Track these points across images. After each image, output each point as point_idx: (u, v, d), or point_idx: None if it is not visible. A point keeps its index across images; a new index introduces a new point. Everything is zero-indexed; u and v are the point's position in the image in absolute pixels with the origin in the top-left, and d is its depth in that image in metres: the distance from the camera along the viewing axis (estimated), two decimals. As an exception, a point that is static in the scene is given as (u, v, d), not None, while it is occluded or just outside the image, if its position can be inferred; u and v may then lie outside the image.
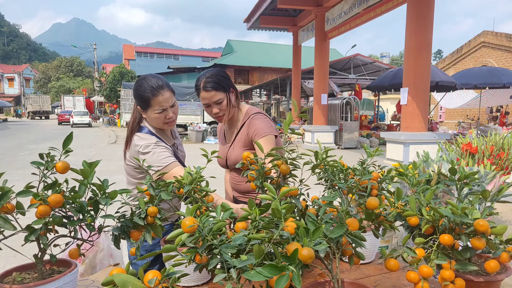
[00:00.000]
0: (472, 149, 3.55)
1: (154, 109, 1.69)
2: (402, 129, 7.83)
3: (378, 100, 18.85)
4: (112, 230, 1.12)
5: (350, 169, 1.25)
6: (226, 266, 0.78)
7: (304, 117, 1.47)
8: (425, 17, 7.26)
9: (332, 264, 0.96)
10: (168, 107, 1.71)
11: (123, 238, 1.12)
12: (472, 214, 1.00)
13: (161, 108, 1.69)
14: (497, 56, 18.02)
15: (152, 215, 1.12)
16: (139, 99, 1.72)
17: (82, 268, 1.95)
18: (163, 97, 1.69)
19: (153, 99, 1.68)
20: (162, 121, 1.73)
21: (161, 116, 1.71)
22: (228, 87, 1.82)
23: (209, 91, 1.77)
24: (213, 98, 1.78)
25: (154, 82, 1.69)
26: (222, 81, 1.79)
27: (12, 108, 50.60)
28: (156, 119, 1.72)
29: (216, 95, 1.78)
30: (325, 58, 12.94)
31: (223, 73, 1.85)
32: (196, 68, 31.62)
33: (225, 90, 1.80)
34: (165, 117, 1.72)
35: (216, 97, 1.78)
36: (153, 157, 1.67)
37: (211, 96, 1.78)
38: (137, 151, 1.70)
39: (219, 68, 1.87)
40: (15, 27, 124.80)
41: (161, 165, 1.65)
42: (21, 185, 0.99)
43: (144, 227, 1.12)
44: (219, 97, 1.79)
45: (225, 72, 1.88)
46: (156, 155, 1.67)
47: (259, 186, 1.20)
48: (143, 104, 1.72)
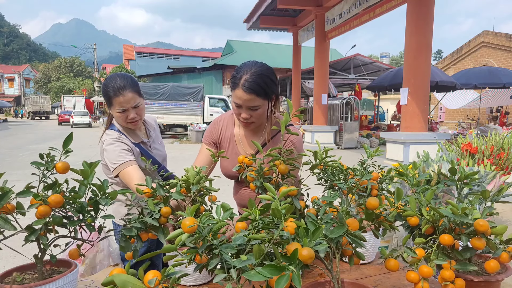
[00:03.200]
0: (472, 149, 3.55)
1: (115, 108, 1.73)
2: (402, 129, 7.83)
3: (378, 100, 18.85)
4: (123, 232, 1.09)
5: (350, 169, 1.25)
6: (226, 266, 0.78)
7: (300, 118, 1.45)
8: (425, 17, 7.26)
9: (332, 264, 0.96)
10: (129, 108, 1.73)
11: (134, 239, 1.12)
12: (472, 214, 1.00)
13: (122, 108, 1.72)
14: (497, 56, 18.01)
15: (166, 215, 1.12)
16: (104, 97, 1.78)
17: (82, 268, 1.94)
18: (124, 97, 1.71)
19: (115, 98, 1.71)
20: (124, 120, 1.76)
21: (123, 115, 1.74)
22: (271, 94, 1.50)
23: (247, 92, 1.44)
24: (249, 103, 1.46)
25: (118, 82, 1.72)
26: (268, 86, 1.47)
27: (12, 109, 50.59)
28: (118, 118, 1.77)
29: (254, 100, 1.46)
30: (325, 58, 12.94)
31: (272, 75, 1.51)
32: (196, 68, 31.62)
33: (267, 97, 1.49)
34: (126, 117, 1.75)
35: (253, 103, 1.46)
36: (109, 154, 1.72)
37: (248, 100, 1.45)
38: (102, 147, 1.78)
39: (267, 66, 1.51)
40: (15, 27, 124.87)
41: (116, 163, 1.68)
42: (21, 185, 0.99)
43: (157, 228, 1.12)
44: (257, 104, 1.47)
45: (274, 73, 1.53)
46: (112, 152, 1.71)
47: (258, 187, 1.20)
48: (107, 102, 1.78)
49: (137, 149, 1.81)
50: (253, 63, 1.51)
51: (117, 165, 1.68)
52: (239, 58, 31.39)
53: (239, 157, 1.31)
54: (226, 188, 1.97)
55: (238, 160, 1.30)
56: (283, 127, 1.21)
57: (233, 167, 1.40)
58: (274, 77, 1.53)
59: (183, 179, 1.22)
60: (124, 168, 1.67)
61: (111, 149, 1.72)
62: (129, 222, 1.11)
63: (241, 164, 1.29)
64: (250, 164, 1.28)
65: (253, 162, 1.28)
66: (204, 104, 18.15)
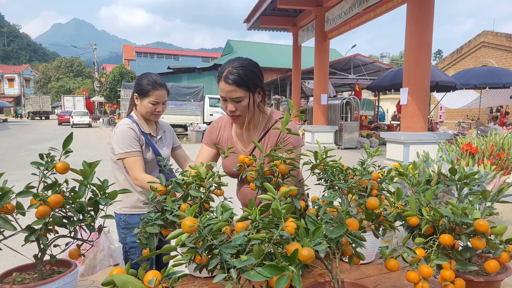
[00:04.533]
0: (472, 149, 3.55)
1: (150, 99, 1.98)
2: (402, 129, 7.83)
3: (378, 100, 18.85)
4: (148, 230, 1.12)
5: (350, 169, 1.25)
6: (226, 266, 0.78)
7: (301, 118, 1.47)
8: (425, 17, 7.26)
9: (332, 264, 0.96)
10: (160, 103, 2.01)
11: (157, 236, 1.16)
12: (472, 214, 1.00)
13: (156, 100, 1.98)
14: (497, 56, 18.01)
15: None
16: (141, 87, 1.99)
17: (82, 268, 1.95)
18: (161, 92, 2.00)
19: (153, 91, 1.97)
20: (152, 111, 2.00)
21: (153, 107, 1.99)
22: (254, 87, 1.54)
23: (229, 84, 1.49)
24: (232, 94, 1.51)
25: (159, 79, 2.02)
26: (249, 78, 1.51)
27: (12, 109, 50.57)
28: (147, 108, 1.99)
29: (236, 91, 1.50)
30: (325, 58, 12.94)
31: (254, 68, 1.55)
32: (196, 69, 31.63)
33: (249, 89, 1.53)
34: (155, 109, 2.00)
35: (236, 94, 1.51)
36: (119, 138, 1.92)
37: (230, 91, 1.51)
38: (114, 131, 1.99)
39: (251, 61, 1.57)
40: (15, 27, 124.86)
41: (123, 149, 1.89)
42: (21, 185, 0.99)
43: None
44: (239, 95, 1.52)
45: (257, 67, 1.57)
46: (122, 137, 1.91)
47: (258, 186, 1.20)
48: (142, 92, 1.99)
49: (143, 138, 2.00)
50: (237, 58, 1.56)
51: (124, 151, 1.89)
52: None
53: (240, 156, 1.32)
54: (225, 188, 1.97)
55: (239, 159, 1.31)
56: (283, 127, 1.21)
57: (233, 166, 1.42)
58: (258, 71, 1.57)
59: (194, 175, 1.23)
60: (129, 156, 1.89)
61: (121, 134, 1.92)
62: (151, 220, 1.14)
63: (242, 164, 1.30)
64: (250, 164, 1.28)
65: (253, 162, 1.28)
66: (204, 104, 18.15)
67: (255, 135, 1.66)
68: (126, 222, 2.00)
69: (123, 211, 2.00)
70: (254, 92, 1.56)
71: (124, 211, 2.00)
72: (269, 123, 1.65)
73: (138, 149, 1.92)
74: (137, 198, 1.99)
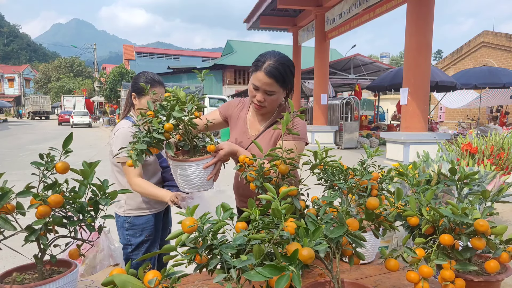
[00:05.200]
0: (472, 149, 3.55)
1: (148, 97, 1.93)
2: (402, 129, 7.83)
3: (378, 100, 18.84)
4: (137, 147, 1.29)
5: (350, 169, 1.25)
6: (226, 266, 0.78)
7: (302, 118, 1.49)
8: (425, 17, 7.26)
9: (332, 264, 0.96)
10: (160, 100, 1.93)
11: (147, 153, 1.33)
12: (472, 214, 1.00)
13: (155, 98, 1.91)
14: (497, 56, 18.01)
15: (169, 130, 1.33)
16: (138, 85, 1.95)
17: (82, 268, 1.94)
18: (160, 89, 1.97)
19: (151, 88, 1.94)
20: None
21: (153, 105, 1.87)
22: (288, 84, 1.63)
23: (268, 76, 1.55)
24: (267, 86, 1.57)
25: (157, 77, 2.01)
26: (287, 75, 1.59)
27: (12, 109, 50.55)
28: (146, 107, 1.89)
29: (272, 85, 1.57)
30: (325, 58, 12.93)
31: (292, 67, 1.63)
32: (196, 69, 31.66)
33: (284, 86, 1.61)
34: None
35: (271, 88, 1.58)
36: (118, 141, 1.87)
37: (267, 83, 1.56)
38: (114, 133, 1.93)
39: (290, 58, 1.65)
40: (15, 27, 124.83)
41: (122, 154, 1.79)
42: (21, 185, 0.99)
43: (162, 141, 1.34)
44: (274, 90, 1.58)
45: (294, 66, 1.66)
46: (121, 140, 1.86)
47: (258, 186, 1.20)
48: (140, 91, 1.95)
49: None
50: (278, 53, 1.62)
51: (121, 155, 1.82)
52: (239, 58, 31.40)
53: (240, 156, 1.34)
54: (226, 188, 1.98)
55: (239, 159, 1.32)
56: (283, 127, 1.21)
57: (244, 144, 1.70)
58: (294, 69, 1.65)
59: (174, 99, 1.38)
60: (124, 160, 1.84)
61: (122, 137, 1.87)
62: (139, 138, 1.30)
63: (242, 164, 1.30)
64: (250, 164, 1.28)
65: (254, 162, 1.28)
66: (204, 104, 18.13)
67: (266, 120, 1.75)
68: (131, 224, 1.99)
69: (128, 213, 1.99)
70: (287, 89, 1.65)
71: (129, 213, 1.99)
72: (280, 114, 1.73)
73: None
74: (142, 199, 1.99)
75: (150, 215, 2.02)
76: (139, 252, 2.00)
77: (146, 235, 2.01)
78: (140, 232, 2.00)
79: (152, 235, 2.03)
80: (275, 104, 1.65)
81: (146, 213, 2.01)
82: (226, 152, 1.53)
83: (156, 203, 2.02)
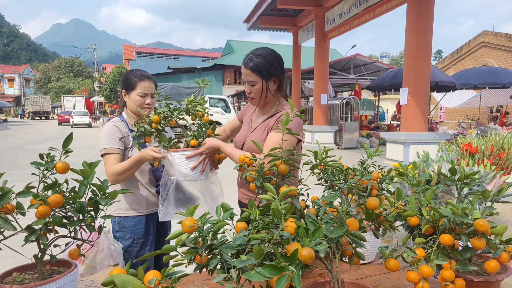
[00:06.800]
0: (472, 149, 3.55)
1: (137, 92, 1.95)
2: (402, 129, 7.83)
3: (378, 100, 18.84)
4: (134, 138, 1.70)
5: (350, 169, 1.25)
6: (226, 266, 0.78)
7: (302, 118, 1.49)
8: (425, 17, 7.25)
9: (332, 264, 0.96)
10: (149, 94, 1.98)
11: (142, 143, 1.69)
12: (472, 214, 1.00)
13: (143, 92, 1.95)
14: (497, 56, 18.01)
15: (156, 121, 1.63)
16: (127, 81, 1.98)
17: (82, 268, 1.94)
18: (147, 83, 1.98)
19: (140, 82, 1.96)
20: (141, 104, 1.96)
21: (142, 100, 1.96)
22: (269, 75, 1.71)
23: (245, 67, 1.72)
24: (246, 77, 1.73)
25: (144, 72, 2.03)
26: (265, 67, 1.69)
27: (12, 109, 50.54)
28: (136, 102, 1.96)
29: (249, 75, 1.71)
30: (325, 58, 12.93)
31: (272, 58, 1.72)
32: (196, 69, 31.60)
33: (263, 76, 1.70)
34: (144, 102, 1.96)
35: (249, 77, 1.72)
36: (103, 135, 1.91)
37: (246, 74, 1.73)
38: None
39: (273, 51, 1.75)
40: (15, 27, 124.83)
41: (103, 146, 1.88)
42: (21, 185, 0.99)
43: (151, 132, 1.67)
44: (253, 79, 1.71)
45: (276, 57, 1.74)
46: (104, 134, 1.90)
47: (258, 187, 1.20)
48: (129, 86, 1.97)
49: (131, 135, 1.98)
50: (261, 48, 1.76)
51: (103, 147, 1.88)
52: (239, 58, 31.35)
53: (240, 156, 1.35)
54: (226, 188, 1.98)
55: (239, 159, 1.34)
56: (283, 127, 1.21)
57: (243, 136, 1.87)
58: (276, 61, 1.73)
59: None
60: (107, 152, 1.86)
61: (105, 131, 1.91)
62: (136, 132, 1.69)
63: (242, 164, 1.30)
64: (250, 164, 1.29)
65: (254, 162, 1.28)
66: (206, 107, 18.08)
67: (265, 115, 1.86)
68: (121, 225, 1.94)
69: (118, 213, 1.94)
70: (268, 80, 1.72)
71: (118, 213, 1.94)
72: (280, 109, 1.81)
73: (118, 147, 1.88)
74: (132, 199, 1.93)
75: (140, 216, 1.95)
76: (129, 256, 1.92)
77: (135, 238, 1.94)
78: (129, 235, 1.94)
79: (143, 238, 1.96)
80: (258, 93, 1.74)
81: (136, 214, 1.94)
82: (208, 146, 1.68)
83: (148, 204, 1.96)
